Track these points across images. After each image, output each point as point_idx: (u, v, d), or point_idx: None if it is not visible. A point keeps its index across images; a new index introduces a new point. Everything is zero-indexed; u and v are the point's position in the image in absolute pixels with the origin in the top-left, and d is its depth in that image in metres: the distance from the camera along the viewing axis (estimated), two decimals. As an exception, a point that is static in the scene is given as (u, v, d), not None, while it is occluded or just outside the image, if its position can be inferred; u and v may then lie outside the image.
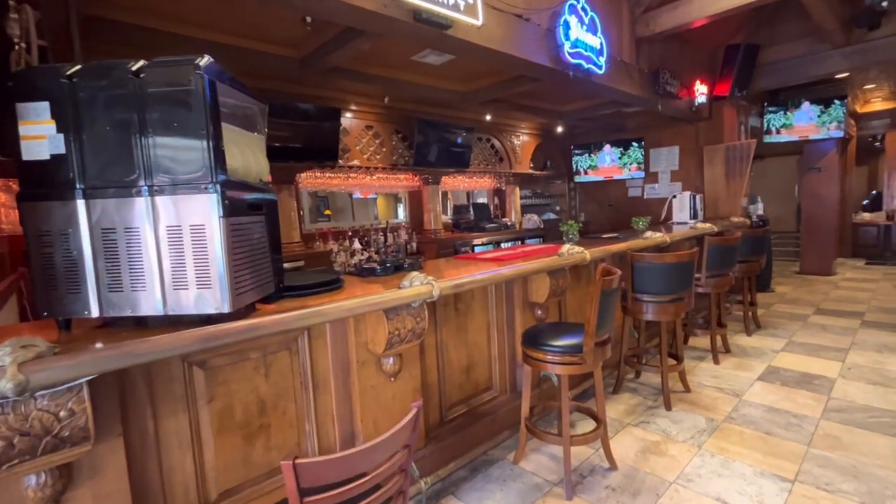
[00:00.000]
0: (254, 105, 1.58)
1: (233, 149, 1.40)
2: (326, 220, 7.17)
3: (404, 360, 2.09)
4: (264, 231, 1.55)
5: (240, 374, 1.68)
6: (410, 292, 1.72)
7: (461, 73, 4.32)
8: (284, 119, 4.10)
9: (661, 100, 4.92)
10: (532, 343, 2.20)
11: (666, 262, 2.80)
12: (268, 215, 1.58)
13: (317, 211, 6.97)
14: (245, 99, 1.52)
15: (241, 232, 1.38)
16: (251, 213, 1.47)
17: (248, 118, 1.56)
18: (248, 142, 1.54)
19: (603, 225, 7.67)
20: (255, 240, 1.47)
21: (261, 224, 1.53)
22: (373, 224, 5.60)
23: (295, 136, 4.21)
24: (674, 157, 6.69)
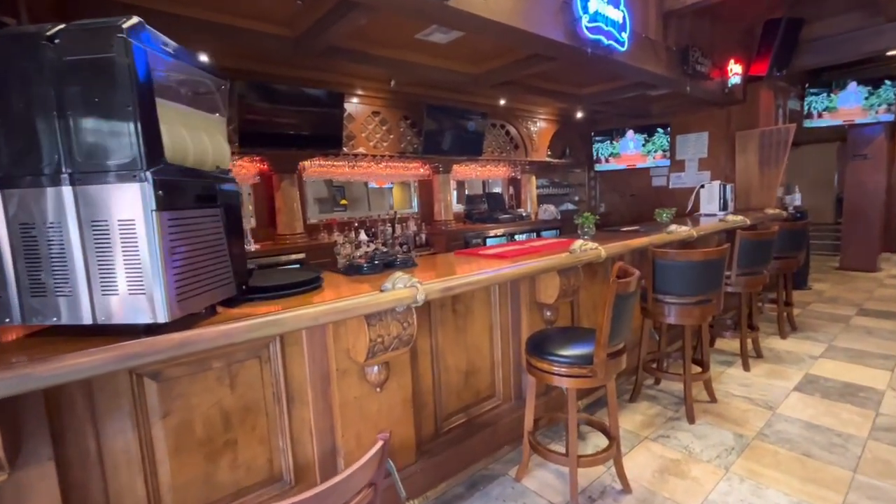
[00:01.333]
0: (208, 81, 1.37)
1: (177, 131, 1.20)
2: (342, 210, 7.03)
3: (392, 369, 1.88)
4: (220, 226, 1.35)
5: (200, 386, 1.50)
6: (389, 297, 1.50)
7: (471, 54, 4.04)
8: (285, 104, 3.91)
9: (691, 81, 4.53)
10: (537, 351, 1.96)
11: (692, 260, 2.50)
12: (226, 208, 1.37)
13: (332, 201, 6.84)
14: (195, 73, 1.31)
15: (184, 227, 1.18)
16: (201, 205, 1.27)
17: (201, 96, 1.35)
18: (200, 123, 1.33)
19: (624, 216, 7.29)
20: (206, 236, 1.27)
21: (215, 218, 1.33)
22: (379, 215, 5.40)
23: (296, 122, 4.02)
24: (702, 144, 6.25)
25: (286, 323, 1.26)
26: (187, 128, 1.27)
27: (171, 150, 1.17)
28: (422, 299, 1.55)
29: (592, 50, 3.33)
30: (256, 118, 3.77)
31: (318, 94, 4.10)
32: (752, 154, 5.67)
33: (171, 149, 1.17)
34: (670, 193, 6.67)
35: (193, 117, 1.31)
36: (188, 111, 1.28)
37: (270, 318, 1.24)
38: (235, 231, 1.43)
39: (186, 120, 1.27)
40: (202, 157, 1.34)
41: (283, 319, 1.25)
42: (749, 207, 5.64)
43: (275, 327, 1.24)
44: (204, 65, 1.35)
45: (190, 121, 1.28)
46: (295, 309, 1.30)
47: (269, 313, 1.26)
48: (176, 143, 1.20)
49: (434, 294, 1.64)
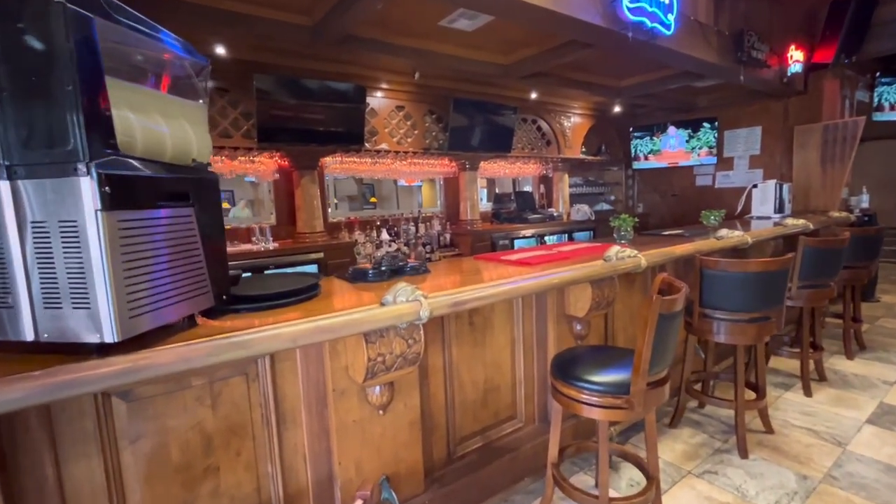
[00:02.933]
0: (182, 61, 1.19)
1: (137, 117, 1.02)
2: (372, 208, 6.93)
3: (397, 389, 1.67)
4: (193, 227, 1.17)
5: (177, 406, 1.33)
6: (387, 313, 1.29)
7: (499, 42, 3.77)
8: (305, 98, 3.77)
9: (745, 69, 4.08)
10: (563, 375, 1.70)
11: (749, 272, 2.16)
12: (200, 206, 1.20)
13: (362, 198, 6.75)
14: (163, 50, 1.13)
15: (143, 230, 1.00)
16: (168, 203, 1.09)
17: (179, 80, 1.17)
18: (170, 109, 1.15)
19: (664, 218, 6.82)
20: (175, 240, 1.10)
21: (186, 219, 1.15)
22: (402, 213, 5.22)
23: (317, 117, 3.88)
24: (754, 140, 5.72)
25: (254, 345, 1.07)
26: (153, 114, 1.09)
27: (130, 139, 1.00)
28: (426, 316, 1.33)
29: (634, 34, 3.00)
30: (276, 113, 3.66)
31: (340, 87, 3.95)
32: (813, 151, 5.12)
33: (129, 137, 1.00)
34: (716, 193, 6.17)
35: (161, 101, 1.14)
36: (155, 94, 1.11)
37: (236, 338, 1.04)
38: (214, 232, 1.26)
39: (151, 104, 1.10)
40: (185, 150, 1.17)
41: (251, 341, 1.06)
42: (808, 209, 5.10)
43: (241, 350, 1.05)
44: (179, 42, 1.17)
45: (156, 105, 1.11)
46: (271, 327, 1.11)
47: (238, 332, 1.07)
48: (138, 132, 1.03)
49: (441, 309, 1.41)
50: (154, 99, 1.07)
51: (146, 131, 1.04)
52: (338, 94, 3.95)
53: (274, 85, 3.62)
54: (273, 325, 1.10)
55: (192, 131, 1.20)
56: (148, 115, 1.06)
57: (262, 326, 1.09)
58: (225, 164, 3.84)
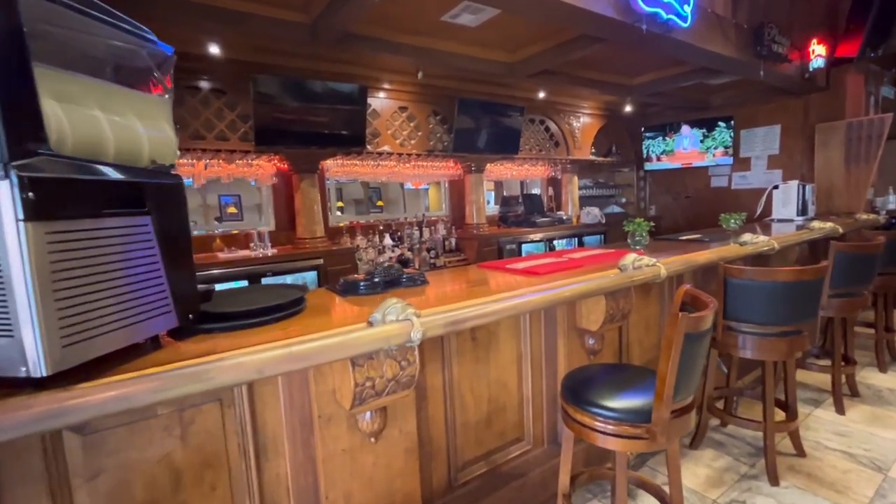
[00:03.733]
0: (141, 49, 1.05)
1: (69, 110, 0.88)
2: (379, 212, 6.81)
3: (390, 415, 1.51)
4: (151, 238, 1.02)
5: (141, 438, 1.19)
6: (372, 336, 1.13)
7: (505, 38, 3.62)
8: (304, 100, 3.65)
9: (765, 64, 3.88)
10: (575, 398, 1.53)
11: (780, 281, 1.97)
12: (160, 213, 1.05)
13: (369, 202, 6.64)
14: (117, 35, 0.99)
15: (80, 243, 0.86)
16: (116, 211, 0.95)
17: (128, 69, 1.03)
18: (129, 105, 1.01)
19: (678, 221, 6.60)
20: (124, 253, 0.95)
21: (141, 228, 1.00)
22: (406, 217, 5.08)
23: (316, 118, 3.75)
24: (773, 139, 5.49)
25: (211, 377, 0.91)
26: (107, 110, 0.95)
27: (75, 140, 0.86)
28: (418, 338, 1.17)
29: (648, 26, 2.83)
30: (274, 114, 3.54)
31: (341, 88, 3.82)
32: (836, 150, 4.87)
33: (74, 138, 0.86)
34: (733, 195, 5.93)
35: (118, 97, 1.00)
36: (105, 86, 0.96)
37: (189, 370, 0.89)
38: (178, 243, 1.11)
39: (105, 99, 0.96)
40: (133, 149, 1.02)
41: (206, 372, 0.90)
42: (831, 212, 4.86)
43: (195, 384, 0.89)
44: (136, 28, 1.03)
45: (111, 101, 0.97)
46: (231, 356, 0.95)
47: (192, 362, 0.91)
48: (84, 130, 0.89)
49: (436, 329, 1.25)
50: (93, 90, 0.93)
51: (80, 126, 0.89)
52: (338, 94, 3.82)
53: (272, 86, 3.50)
54: (233, 353, 0.95)
55: (146, 128, 1.05)
56: (84, 108, 0.91)
57: (222, 354, 0.94)
58: (222, 167, 3.73)
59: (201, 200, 4.94)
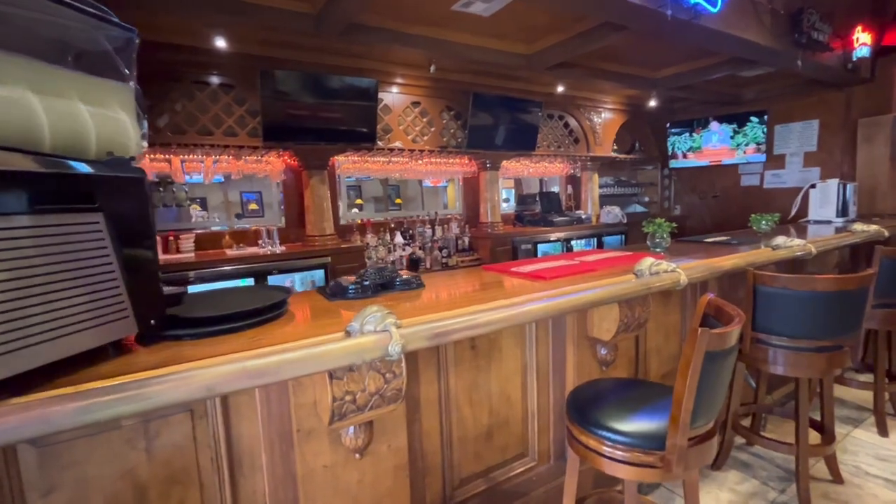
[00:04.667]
0: (95, 29, 0.96)
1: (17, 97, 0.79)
2: (397, 209, 6.75)
3: (377, 429, 1.40)
4: (102, 236, 0.93)
5: (102, 451, 1.10)
6: (345, 349, 1.01)
7: (521, 28, 3.45)
8: (313, 95, 3.57)
9: (803, 53, 3.59)
10: (582, 418, 1.38)
11: (818, 290, 1.77)
12: (116, 210, 0.96)
13: (388, 200, 6.58)
14: (67, 14, 0.90)
15: (4, 243, 0.77)
16: (60, 208, 0.85)
17: (79, 51, 0.94)
18: (69, 87, 0.92)
19: (704, 221, 6.28)
20: (65, 253, 0.86)
21: (91, 227, 0.91)
22: (419, 215, 4.97)
23: (326, 114, 3.67)
24: (810, 135, 5.14)
25: (150, 396, 0.81)
26: (43, 93, 0.86)
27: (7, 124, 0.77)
28: (397, 352, 1.04)
29: (674, 12, 2.62)
30: (283, 110, 3.47)
31: (351, 82, 3.73)
32: (882, 146, 4.51)
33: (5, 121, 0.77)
34: (765, 195, 5.60)
35: (59, 79, 0.90)
36: (46, 68, 0.87)
37: (123, 391, 0.79)
38: (138, 242, 1.02)
39: (40, 81, 0.86)
40: (77, 139, 0.93)
41: (144, 394, 0.80)
42: (874, 213, 4.51)
43: (129, 404, 0.79)
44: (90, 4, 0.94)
45: (49, 83, 0.88)
46: (178, 371, 0.85)
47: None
48: (12, 116, 0.80)
49: (418, 342, 1.13)
50: (24, 69, 0.83)
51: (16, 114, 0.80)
52: (349, 89, 3.74)
53: (281, 81, 3.43)
54: (176, 369, 0.85)
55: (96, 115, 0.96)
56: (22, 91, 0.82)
57: (165, 370, 0.84)
58: (231, 163, 3.69)
59: (223, 197, 4.96)
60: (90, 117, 0.95)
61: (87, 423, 0.76)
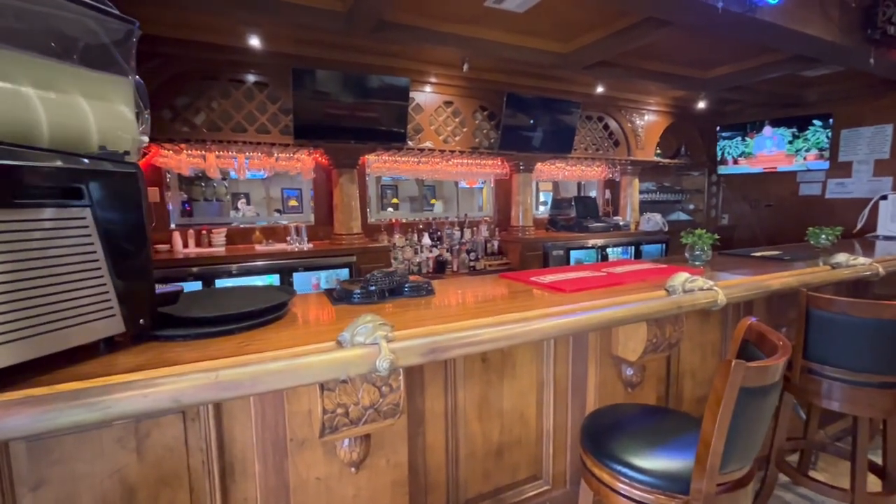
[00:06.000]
0: (93, 21, 0.94)
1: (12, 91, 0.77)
2: (431, 210, 6.73)
3: (375, 442, 1.33)
4: (89, 232, 0.91)
5: (92, 449, 1.09)
6: (328, 362, 0.94)
7: (557, 25, 3.30)
8: (344, 93, 3.57)
9: (876, 50, 3.23)
10: (596, 447, 1.25)
11: (885, 319, 1.54)
12: (107, 205, 0.94)
13: (423, 200, 6.58)
14: (61, 5, 0.88)
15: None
16: (44, 202, 0.83)
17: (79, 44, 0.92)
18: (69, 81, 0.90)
19: (755, 232, 5.85)
20: (47, 249, 0.84)
21: (78, 221, 0.89)
22: (448, 217, 4.89)
23: (356, 113, 3.67)
24: (883, 141, 4.65)
25: (111, 406, 0.76)
26: (43, 88, 0.84)
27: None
28: (385, 368, 0.96)
29: (726, 5, 2.41)
30: (313, 108, 3.50)
31: (382, 81, 3.71)
32: (969, 155, 4.01)
33: None
34: (827, 205, 5.13)
35: (59, 74, 0.89)
36: (46, 63, 0.85)
37: (92, 398, 0.74)
38: (129, 239, 0.99)
39: (41, 76, 0.85)
40: (76, 133, 0.91)
41: (104, 402, 0.75)
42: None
43: (89, 413, 0.75)
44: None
45: (50, 78, 0.86)
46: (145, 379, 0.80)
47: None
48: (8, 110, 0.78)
49: (411, 358, 1.04)
50: (24, 65, 0.82)
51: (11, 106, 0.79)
52: (380, 88, 3.71)
53: (313, 79, 3.45)
54: (138, 377, 0.80)
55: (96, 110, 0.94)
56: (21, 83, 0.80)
57: (128, 377, 0.80)
58: (263, 160, 3.76)
59: (264, 193, 5.09)
60: (90, 111, 0.93)
61: (43, 431, 0.72)
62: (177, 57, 3.20)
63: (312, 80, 3.45)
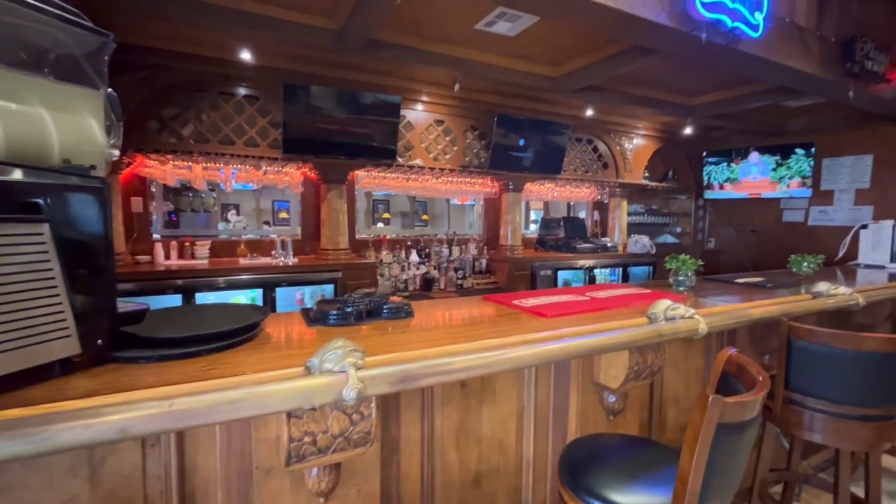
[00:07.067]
0: (61, 32, 0.92)
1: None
2: (423, 225, 6.70)
3: (346, 471, 1.28)
4: (45, 249, 0.87)
5: (41, 477, 1.03)
6: (290, 391, 0.90)
7: (546, 50, 3.36)
8: (335, 109, 3.58)
9: (855, 83, 3.33)
10: (573, 480, 1.21)
11: (865, 350, 1.54)
12: (67, 221, 0.90)
13: (414, 216, 6.57)
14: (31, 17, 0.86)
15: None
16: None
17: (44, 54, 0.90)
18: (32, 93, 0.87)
19: (740, 257, 5.92)
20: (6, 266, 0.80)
21: (34, 238, 0.85)
22: (436, 234, 4.87)
23: (347, 129, 3.67)
24: (863, 171, 4.77)
25: (46, 439, 0.71)
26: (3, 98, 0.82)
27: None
28: (351, 398, 0.92)
29: (710, 36, 2.46)
30: (303, 122, 3.49)
31: (374, 98, 3.72)
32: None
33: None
34: (809, 232, 5.22)
35: (21, 85, 0.86)
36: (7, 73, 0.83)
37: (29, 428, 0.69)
38: (91, 256, 0.95)
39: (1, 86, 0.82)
40: (39, 147, 0.88)
41: (40, 434, 0.71)
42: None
43: (24, 445, 0.70)
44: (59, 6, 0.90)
45: (6, 86, 0.83)
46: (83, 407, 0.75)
47: (23, 414, 0.72)
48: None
49: (379, 387, 1.00)
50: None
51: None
52: (372, 105, 3.73)
53: (304, 94, 3.46)
54: (86, 405, 0.76)
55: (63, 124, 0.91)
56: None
57: (74, 404, 0.75)
58: (251, 173, 3.73)
59: (255, 204, 5.02)
60: (52, 124, 0.91)
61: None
62: (167, 68, 3.19)
63: (304, 94, 3.45)
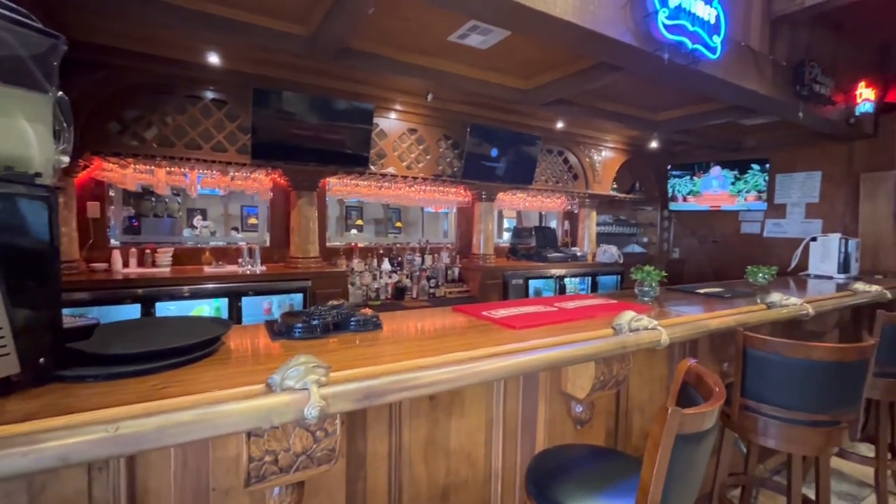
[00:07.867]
0: (5, 32, 0.87)
1: None
2: (397, 232, 6.63)
3: (309, 490, 1.24)
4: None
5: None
6: (248, 410, 0.87)
7: (518, 64, 3.42)
8: (305, 115, 3.53)
9: (805, 105, 3.55)
10: (539, 493, 1.22)
11: (813, 360, 1.62)
12: (2, 230, 0.84)
13: (388, 223, 6.49)
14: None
15: None
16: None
17: None
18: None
19: (703, 266, 6.16)
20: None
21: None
22: (409, 242, 4.86)
23: (317, 135, 3.62)
24: (812, 186, 5.06)
25: None
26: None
27: None
28: (313, 416, 0.90)
29: (671, 56, 2.57)
30: (274, 128, 3.42)
31: (346, 105, 3.69)
32: (885, 202, 4.42)
33: None
34: (765, 244, 5.48)
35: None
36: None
37: None
38: (33, 269, 0.90)
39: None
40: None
41: None
42: (877, 270, 4.36)
43: None
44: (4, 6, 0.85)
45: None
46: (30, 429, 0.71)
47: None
48: None
49: (343, 404, 0.98)
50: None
51: None
52: (344, 112, 3.70)
53: (275, 99, 3.39)
54: (22, 430, 0.71)
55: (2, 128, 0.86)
56: None
57: (9, 429, 0.70)
58: (217, 178, 3.62)
59: (223, 209, 4.85)
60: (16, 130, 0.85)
61: None
62: (129, 69, 3.07)
63: (275, 99, 3.39)
